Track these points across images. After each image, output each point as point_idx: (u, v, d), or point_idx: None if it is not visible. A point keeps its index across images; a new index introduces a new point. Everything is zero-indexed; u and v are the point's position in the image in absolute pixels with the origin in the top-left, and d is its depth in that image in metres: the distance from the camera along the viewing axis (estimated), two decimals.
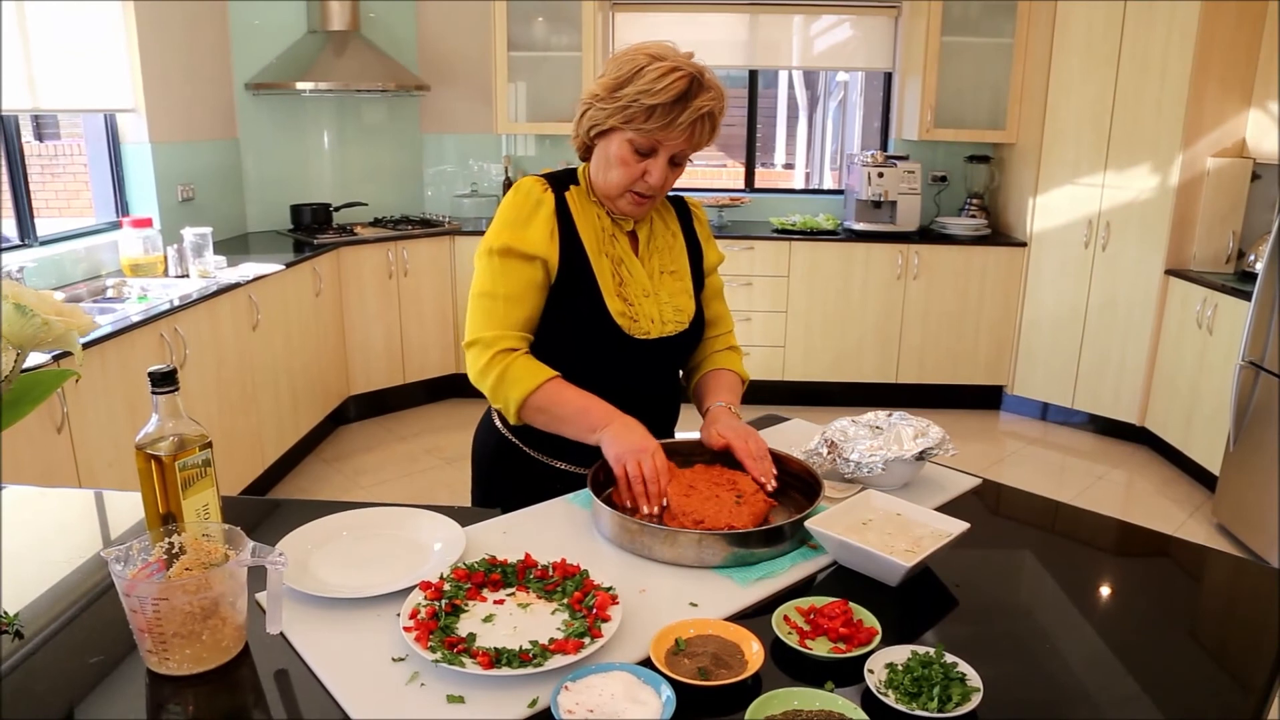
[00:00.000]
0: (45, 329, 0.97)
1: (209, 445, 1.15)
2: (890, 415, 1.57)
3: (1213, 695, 1.01)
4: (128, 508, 1.45)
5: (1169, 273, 4.20)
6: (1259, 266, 3.43)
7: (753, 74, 5.35)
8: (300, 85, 4.41)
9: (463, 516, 1.36)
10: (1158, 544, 1.42)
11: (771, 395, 4.79)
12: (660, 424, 1.59)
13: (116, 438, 2.69)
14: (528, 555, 1.19)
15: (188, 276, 3.51)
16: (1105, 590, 1.26)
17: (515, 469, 1.61)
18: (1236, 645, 1.13)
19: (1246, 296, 3.52)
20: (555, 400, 1.44)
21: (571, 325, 1.49)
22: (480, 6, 4.85)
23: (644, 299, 1.52)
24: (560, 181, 1.52)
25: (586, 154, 1.53)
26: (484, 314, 1.48)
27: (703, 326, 1.64)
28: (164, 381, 1.11)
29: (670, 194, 1.62)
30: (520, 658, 0.99)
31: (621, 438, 1.37)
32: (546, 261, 1.46)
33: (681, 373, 1.69)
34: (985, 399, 4.98)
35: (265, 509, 1.51)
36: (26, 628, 1.08)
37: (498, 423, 1.63)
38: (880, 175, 4.75)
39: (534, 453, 1.59)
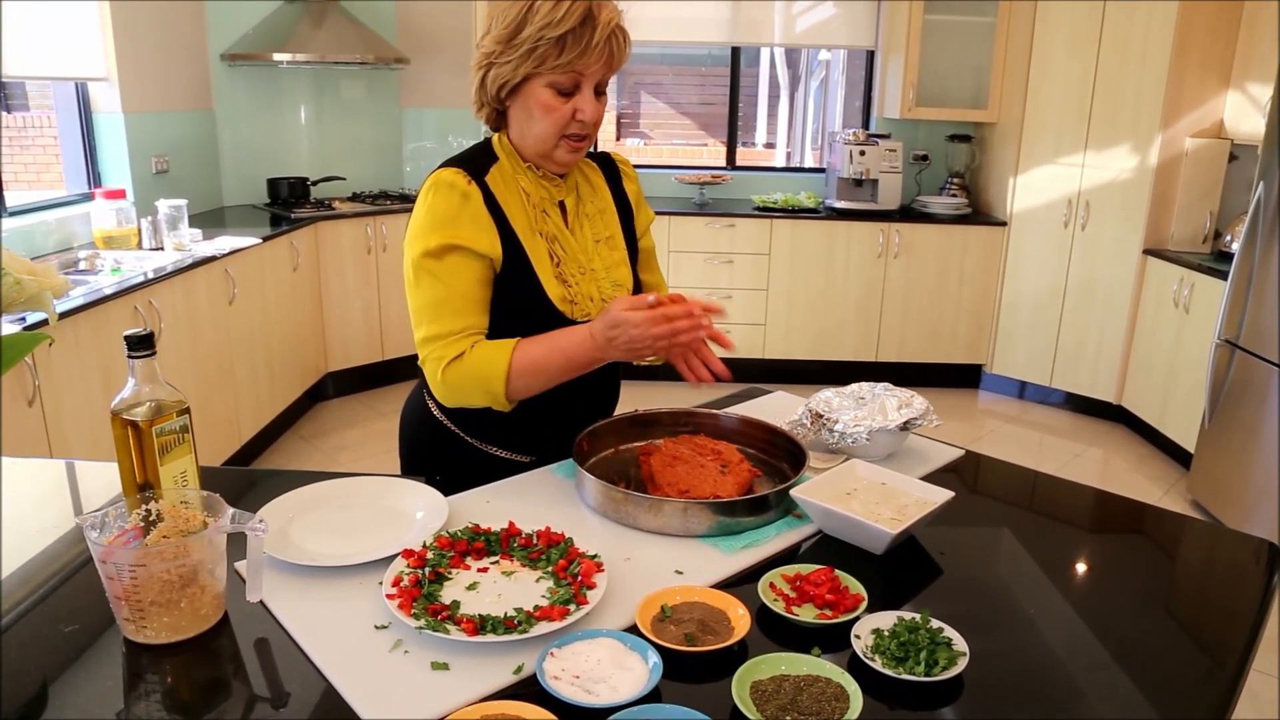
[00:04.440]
0: (17, 289, 0.95)
1: (187, 411, 1.13)
2: (874, 387, 1.57)
3: (1191, 661, 1.02)
4: (103, 479, 1.42)
5: (1147, 252, 4.23)
6: (1235, 246, 3.46)
7: (735, 52, 5.31)
8: (277, 56, 4.33)
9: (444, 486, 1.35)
10: (1137, 513, 1.44)
11: (751, 373, 4.79)
12: (599, 406, 1.53)
13: (90, 412, 2.64)
14: (511, 524, 1.18)
15: (162, 249, 3.45)
16: (1087, 558, 1.27)
17: (448, 453, 1.52)
18: (1217, 609, 1.14)
19: (1223, 276, 3.55)
20: (531, 367, 1.33)
21: (511, 315, 1.38)
22: None
23: (581, 277, 1.43)
24: (478, 166, 1.38)
25: (498, 120, 1.42)
26: (432, 323, 1.34)
27: None
28: (141, 345, 1.09)
29: (596, 151, 1.55)
30: (505, 624, 0.98)
31: (614, 344, 1.28)
32: (491, 257, 1.35)
33: None
34: (964, 377, 5.01)
35: (245, 480, 1.49)
36: (2, 600, 1.06)
37: (429, 403, 1.52)
38: (862, 153, 4.74)
39: (469, 437, 1.50)
